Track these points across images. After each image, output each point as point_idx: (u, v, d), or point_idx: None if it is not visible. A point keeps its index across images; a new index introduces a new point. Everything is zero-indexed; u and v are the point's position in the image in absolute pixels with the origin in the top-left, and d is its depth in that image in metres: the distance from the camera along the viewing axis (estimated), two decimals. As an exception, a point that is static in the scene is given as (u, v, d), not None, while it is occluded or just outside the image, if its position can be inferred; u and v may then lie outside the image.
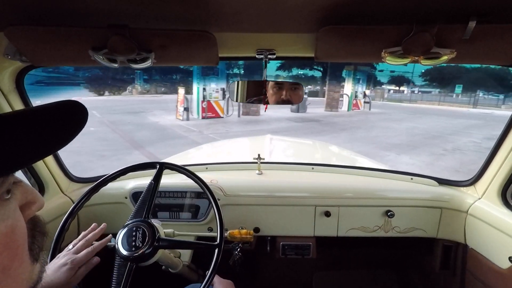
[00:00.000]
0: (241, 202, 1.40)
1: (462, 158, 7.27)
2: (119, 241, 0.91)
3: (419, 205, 1.40)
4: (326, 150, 2.87)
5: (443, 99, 31.93)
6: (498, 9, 0.63)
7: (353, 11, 0.68)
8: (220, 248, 0.94)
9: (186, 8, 0.70)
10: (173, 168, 1.14)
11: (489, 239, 1.21)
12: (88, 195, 1.06)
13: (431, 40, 0.67)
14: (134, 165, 1.14)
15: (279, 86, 1.12)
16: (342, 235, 1.43)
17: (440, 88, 43.98)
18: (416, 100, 31.51)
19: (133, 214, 1.00)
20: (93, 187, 1.07)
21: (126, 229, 0.93)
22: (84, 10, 0.71)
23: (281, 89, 1.12)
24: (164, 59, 0.85)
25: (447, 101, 30.61)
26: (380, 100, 31.87)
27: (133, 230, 0.92)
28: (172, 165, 1.14)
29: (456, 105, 27.23)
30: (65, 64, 0.92)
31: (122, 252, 0.88)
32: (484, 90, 38.14)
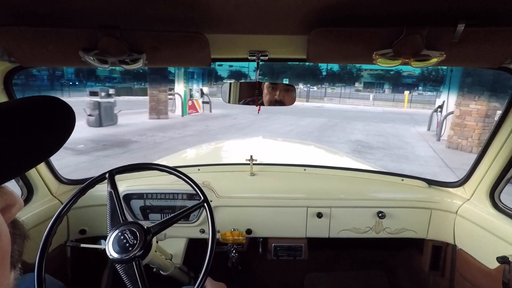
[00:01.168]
0: (234, 204, 1.39)
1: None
2: (109, 243, 0.90)
3: (410, 206, 1.41)
4: (318, 151, 2.88)
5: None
6: (486, 12, 0.64)
7: (344, 13, 0.68)
8: (209, 204, 0.95)
9: (178, 9, 0.69)
10: (164, 170, 1.13)
11: (478, 240, 1.23)
12: (75, 198, 1.03)
13: (421, 42, 0.68)
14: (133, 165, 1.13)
15: (272, 87, 1.11)
16: (334, 236, 1.43)
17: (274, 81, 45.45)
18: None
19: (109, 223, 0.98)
20: (80, 190, 1.05)
21: (117, 231, 0.91)
22: (74, 11, 0.70)
23: (274, 90, 1.11)
24: (156, 60, 0.84)
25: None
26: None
27: (125, 232, 0.91)
28: (164, 166, 1.13)
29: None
30: (55, 65, 0.91)
31: (112, 255, 0.87)
32: (303, 82, 40.13)
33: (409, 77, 48.87)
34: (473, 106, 7.81)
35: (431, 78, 45.14)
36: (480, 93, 7.64)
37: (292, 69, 39.97)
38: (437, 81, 43.26)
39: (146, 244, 0.89)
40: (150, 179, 1.44)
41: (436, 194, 1.40)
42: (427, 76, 45.57)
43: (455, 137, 8.21)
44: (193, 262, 1.33)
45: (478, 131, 7.74)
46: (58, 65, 0.90)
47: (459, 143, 8.10)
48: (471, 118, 7.84)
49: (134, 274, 0.87)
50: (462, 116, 8.03)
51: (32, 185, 1.25)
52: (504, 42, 0.70)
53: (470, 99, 7.84)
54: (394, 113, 18.02)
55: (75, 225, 1.38)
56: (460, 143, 8.08)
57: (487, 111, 7.58)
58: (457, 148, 8.10)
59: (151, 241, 0.91)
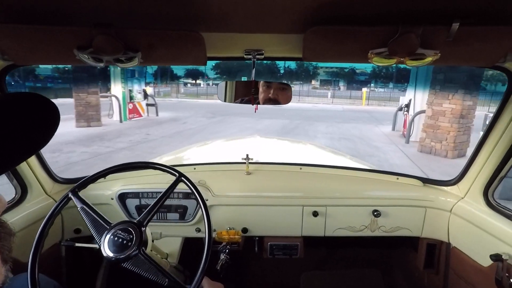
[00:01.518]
0: (229, 203, 1.39)
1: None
2: (105, 242, 0.90)
3: (405, 204, 1.41)
4: (314, 150, 2.90)
5: None
6: (480, 11, 0.64)
7: (340, 12, 0.69)
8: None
9: (174, 8, 0.69)
10: (159, 168, 1.13)
11: (472, 238, 1.24)
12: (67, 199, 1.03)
13: (416, 41, 0.68)
14: (120, 165, 1.13)
15: (267, 85, 1.12)
16: (330, 234, 1.44)
17: (229, 80, 45.42)
18: (213, 94, 26.80)
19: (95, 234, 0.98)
20: (72, 189, 1.04)
21: (113, 231, 0.92)
22: (69, 9, 0.70)
23: (269, 88, 1.12)
24: (151, 59, 0.84)
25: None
26: (176, 95, 27.56)
27: (120, 231, 0.92)
28: (159, 165, 1.13)
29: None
30: (48, 63, 0.91)
31: (107, 254, 0.88)
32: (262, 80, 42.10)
33: (362, 74, 49.56)
34: (446, 106, 7.05)
35: (382, 75, 46.38)
36: (453, 91, 6.90)
37: (249, 66, 38.63)
38: (387, 77, 44.97)
39: (142, 235, 0.91)
40: (146, 178, 1.44)
41: (430, 193, 1.42)
42: (379, 74, 46.44)
43: (428, 140, 7.46)
44: (189, 261, 1.33)
45: (453, 133, 7.02)
46: (52, 63, 0.89)
47: (432, 147, 7.38)
48: (444, 119, 7.11)
49: (145, 262, 0.88)
50: (434, 116, 7.29)
51: (26, 184, 1.24)
52: (498, 41, 0.71)
53: (443, 98, 7.07)
54: (354, 111, 17.57)
55: (70, 224, 1.37)
56: (433, 146, 7.35)
57: (461, 111, 6.86)
58: (430, 152, 7.37)
59: (145, 230, 0.94)
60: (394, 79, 42.97)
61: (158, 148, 7.29)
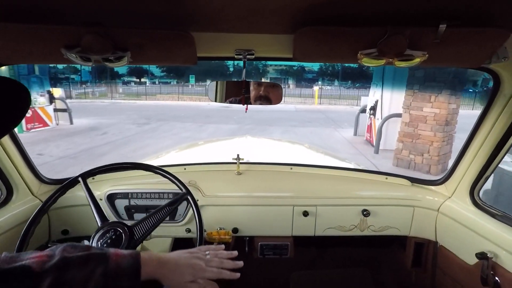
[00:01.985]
0: (220, 203, 1.39)
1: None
2: (93, 244, 0.90)
3: (393, 204, 1.43)
4: (305, 150, 2.91)
5: (181, 90, 26.61)
6: (466, 13, 0.66)
7: (330, 13, 0.69)
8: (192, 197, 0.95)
9: (164, 7, 0.69)
10: (149, 169, 1.12)
11: (458, 237, 1.26)
12: (54, 198, 1.03)
13: (404, 42, 0.69)
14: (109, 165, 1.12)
15: (258, 84, 1.13)
16: (320, 234, 1.45)
17: (177, 78, 41.84)
18: (155, 94, 24.88)
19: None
20: (59, 189, 1.04)
21: (101, 232, 0.92)
22: (56, 7, 0.69)
23: (259, 86, 1.13)
24: (141, 58, 0.83)
25: (186, 93, 25.60)
26: (112, 96, 23.66)
27: (108, 232, 0.91)
28: (149, 166, 1.13)
29: (195, 97, 23.01)
30: (36, 62, 0.89)
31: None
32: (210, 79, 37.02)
33: (310, 72, 49.84)
34: (428, 110, 5.68)
35: (329, 73, 47.10)
36: (437, 91, 5.53)
37: (200, 65, 36.77)
38: (334, 75, 45.49)
39: (133, 237, 0.91)
40: (135, 178, 1.42)
41: (418, 192, 1.44)
42: (325, 72, 47.00)
43: (406, 152, 6.08)
44: None
45: (437, 143, 5.64)
46: (39, 62, 0.89)
47: (411, 160, 6.01)
48: (426, 126, 5.74)
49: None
50: (413, 123, 5.90)
51: (12, 185, 1.22)
52: (483, 42, 0.72)
53: (423, 100, 5.72)
54: (307, 111, 16.42)
55: (57, 226, 1.35)
56: (412, 160, 5.99)
57: (447, 117, 5.52)
58: (409, 167, 6.01)
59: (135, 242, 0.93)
60: (340, 77, 43.58)
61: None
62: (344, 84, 40.60)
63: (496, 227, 1.09)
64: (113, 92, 25.03)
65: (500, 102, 1.05)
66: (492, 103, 1.08)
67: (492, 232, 1.10)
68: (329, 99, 22.52)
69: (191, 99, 22.58)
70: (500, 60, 0.84)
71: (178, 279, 0.73)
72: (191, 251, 0.80)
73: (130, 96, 24.33)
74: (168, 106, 18.28)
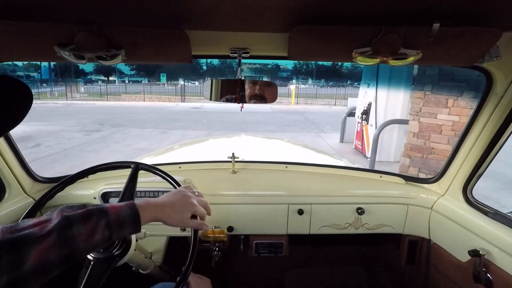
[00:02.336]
0: (215, 201, 1.38)
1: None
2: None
3: (387, 202, 1.44)
4: (300, 148, 2.92)
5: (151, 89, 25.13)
6: (460, 12, 0.67)
7: (325, 11, 0.70)
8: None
9: (158, 5, 0.69)
10: (145, 168, 1.12)
11: (451, 234, 1.27)
12: (51, 194, 1.02)
13: (398, 41, 0.70)
14: (103, 164, 1.11)
15: (253, 83, 1.13)
16: (314, 232, 1.46)
17: (147, 77, 40.07)
18: (120, 94, 23.14)
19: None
20: (56, 186, 1.04)
21: None
22: (49, 5, 0.68)
23: (255, 85, 1.13)
24: (135, 56, 0.83)
25: (156, 92, 24.01)
26: (73, 96, 21.66)
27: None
28: (145, 165, 1.12)
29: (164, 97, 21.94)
30: (28, 60, 0.89)
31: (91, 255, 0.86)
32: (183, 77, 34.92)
33: (284, 71, 49.06)
34: (444, 118, 4.37)
35: (303, 71, 46.54)
36: (456, 93, 4.23)
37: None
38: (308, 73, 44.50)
39: (120, 252, 0.89)
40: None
41: (412, 190, 1.45)
42: (300, 70, 46.46)
43: (414, 170, 4.83)
44: (174, 260, 1.32)
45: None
46: (31, 59, 0.87)
47: None
48: (441, 138, 4.46)
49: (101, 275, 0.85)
50: (424, 133, 4.63)
51: (4, 183, 1.21)
52: (476, 41, 0.73)
53: (438, 105, 4.42)
54: (284, 112, 15.18)
55: None
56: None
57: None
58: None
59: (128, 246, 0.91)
60: (315, 75, 42.90)
61: None
62: (317, 82, 40.09)
63: (488, 224, 1.11)
64: (73, 92, 22.83)
65: (492, 101, 1.06)
66: (485, 102, 1.09)
67: (484, 230, 1.11)
68: (305, 99, 21.75)
69: (160, 99, 21.55)
70: (492, 59, 0.85)
71: (178, 217, 0.82)
72: (180, 190, 0.87)
73: (93, 96, 22.32)
74: (132, 107, 16.85)
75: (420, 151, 4.77)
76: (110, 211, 0.69)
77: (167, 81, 31.11)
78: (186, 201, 0.84)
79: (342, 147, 7.87)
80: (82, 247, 0.63)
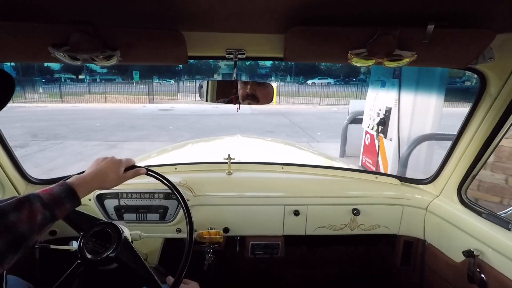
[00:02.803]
0: (211, 203, 1.39)
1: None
2: (81, 244, 0.89)
3: (383, 203, 1.45)
4: (296, 149, 2.91)
5: (117, 88, 21.65)
6: (454, 14, 0.67)
7: (320, 13, 0.70)
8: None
9: (154, 6, 0.68)
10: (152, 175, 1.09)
11: (445, 235, 1.28)
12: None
13: (393, 42, 0.71)
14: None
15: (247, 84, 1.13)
16: (310, 233, 1.46)
17: (120, 75, 37.60)
18: (83, 94, 20.21)
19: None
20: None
21: (90, 232, 0.91)
22: (44, 5, 0.68)
23: (250, 86, 1.13)
24: (131, 57, 0.83)
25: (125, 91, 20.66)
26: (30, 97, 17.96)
27: (97, 233, 0.91)
28: (152, 171, 1.10)
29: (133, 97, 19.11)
30: (22, 61, 0.90)
31: (84, 256, 0.86)
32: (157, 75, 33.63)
33: (263, 68, 47.69)
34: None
35: (282, 69, 44.86)
36: None
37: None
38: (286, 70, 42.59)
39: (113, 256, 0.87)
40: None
41: (407, 191, 1.45)
42: (278, 67, 45.01)
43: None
44: (169, 262, 1.30)
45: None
46: (26, 60, 0.87)
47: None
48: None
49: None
50: (505, 164, 2.69)
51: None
52: (470, 43, 0.74)
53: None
54: (266, 114, 13.07)
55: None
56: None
57: None
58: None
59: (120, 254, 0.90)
60: (294, 72, 41.26)
61: None
62: (296, 80, 38.56)
63: (482, 225, 1.11)
64: (30, 92, 18.99)
65: (486, 102, 1.07)
66: (479, 103, 1.10)
67: (479, 230, 1.12)
68: (286, 97, 19.70)
69: (128, 100, 18.76)
70: (486, 60, 0.86)
71: (114, 176, 0.90)
72: (99, 158, 0.96)
73: (53, 97, 19.16)
74: (89, 110, 14.48)
75: (498, 192, 2.86)
76: (42, 194, 0.73)
77: (141, 80, 28.43)
78: (112, 161, 0.93)
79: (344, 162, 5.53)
80: (26, 229, 0.65)
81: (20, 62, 1.03)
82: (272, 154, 2.58)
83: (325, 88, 23.05)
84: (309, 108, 16.47)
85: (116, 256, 0.87)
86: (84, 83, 27.26)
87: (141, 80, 28.21)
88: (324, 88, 22.68)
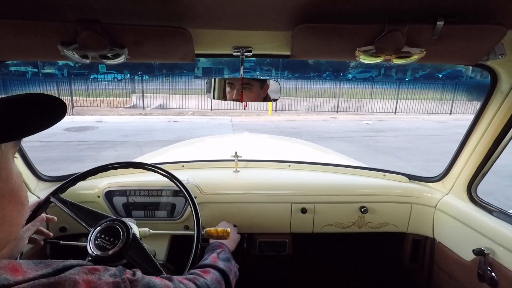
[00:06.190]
0: (218, 200, 1.39)
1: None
2: (91, 241, 0.90)
3: (391, 201, 1.44)
4: (303, 147, 2.91)
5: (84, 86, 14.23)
6: (464, 10, 0.66)
7: (328, 9, 0.69)
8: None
9: (160, 3, 0.69)
10: (147, 168, 1.12)
11: (455, 233, 1.26)
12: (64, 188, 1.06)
13: (402, 39, 0.69)
14: (106, 165, 1.13)
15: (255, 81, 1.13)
16: (318, 231, 1.46)
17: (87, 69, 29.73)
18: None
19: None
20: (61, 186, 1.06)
21: (99, 229, 0.92)
22: (53, 3, 0.68)
23: (257, 83, 1.12)
24: (138, 55, 0.83)
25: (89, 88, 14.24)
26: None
27: (106, 229, 0.91)
28: (146, 164, 1.12)
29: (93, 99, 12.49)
30: (33, 59, 0.89)
31: (93, 253, 0.87)
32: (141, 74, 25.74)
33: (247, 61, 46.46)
34: None
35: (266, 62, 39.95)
36: None
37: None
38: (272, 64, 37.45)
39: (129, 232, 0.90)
40: (133, 176, 1.42)
41: (416, 189, 1.44)
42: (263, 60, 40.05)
43: None
44: (177, 258, 1.31)
45: None
46: (35, 58, 0.88)
47: None
48: None
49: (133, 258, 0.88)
50: None
51: None
52: (481, 39, 0.72)
53: None
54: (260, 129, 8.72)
55: (55, 223, 1.31)
56: None
57: None
58: None
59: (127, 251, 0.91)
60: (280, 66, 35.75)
61: None
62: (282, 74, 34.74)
63: (493, 223, 1.10)
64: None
65: (497, 99, 1.06)
66: (489, 100, 1.08)
67: (489, 229, 1.10)
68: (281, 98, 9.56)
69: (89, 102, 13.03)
70: (497, 56, 0.85)
71: (21, 246, 0.86)
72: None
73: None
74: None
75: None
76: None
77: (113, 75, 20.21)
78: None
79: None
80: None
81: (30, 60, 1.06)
82: (279, 151, 2.58)
83: (368, 84, 16.25)
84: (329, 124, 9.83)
85: (124, 253, 0.87)
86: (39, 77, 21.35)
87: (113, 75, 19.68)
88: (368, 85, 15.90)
